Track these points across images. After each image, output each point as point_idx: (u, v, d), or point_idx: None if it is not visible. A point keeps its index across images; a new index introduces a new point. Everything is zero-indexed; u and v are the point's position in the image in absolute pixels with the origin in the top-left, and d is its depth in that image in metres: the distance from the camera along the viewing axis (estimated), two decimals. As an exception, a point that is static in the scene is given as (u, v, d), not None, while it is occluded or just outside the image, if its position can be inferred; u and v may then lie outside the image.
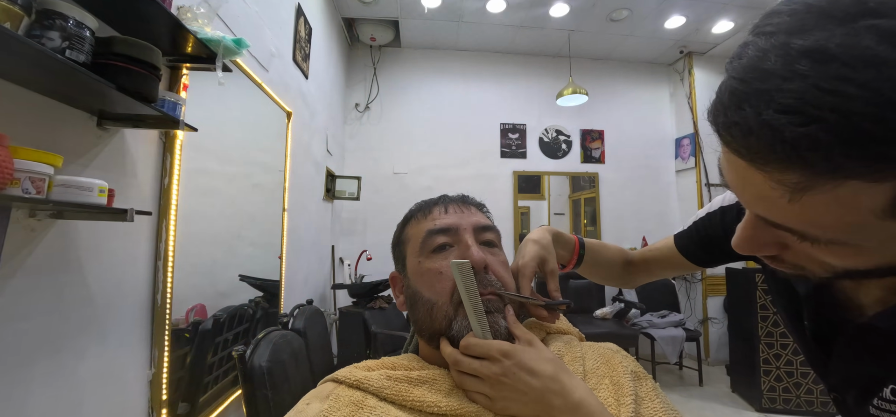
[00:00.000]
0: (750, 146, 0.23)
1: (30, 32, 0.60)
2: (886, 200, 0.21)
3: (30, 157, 0.60)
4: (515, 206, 3.41)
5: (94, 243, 0.87)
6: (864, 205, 0.22)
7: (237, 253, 1.56)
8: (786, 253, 0.29)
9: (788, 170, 0.22)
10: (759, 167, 0.23)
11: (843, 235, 0.24)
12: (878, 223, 0.22)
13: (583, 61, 3.56)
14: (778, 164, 0.22)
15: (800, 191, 0.22)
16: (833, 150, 0.20)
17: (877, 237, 0.23)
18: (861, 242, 0.24)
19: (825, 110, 0.19)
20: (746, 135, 0.22)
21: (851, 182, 0.21)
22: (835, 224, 0.23)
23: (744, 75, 0.23)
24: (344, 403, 0.42)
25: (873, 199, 0.21)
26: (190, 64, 1.04)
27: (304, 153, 2.23)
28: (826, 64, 0.20)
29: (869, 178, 0.21)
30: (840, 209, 0.22)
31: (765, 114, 0.21)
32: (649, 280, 0.71)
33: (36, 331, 0.75)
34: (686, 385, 2.80)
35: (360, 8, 2.86)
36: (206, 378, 1.26)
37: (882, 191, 0.21)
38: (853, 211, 0.22)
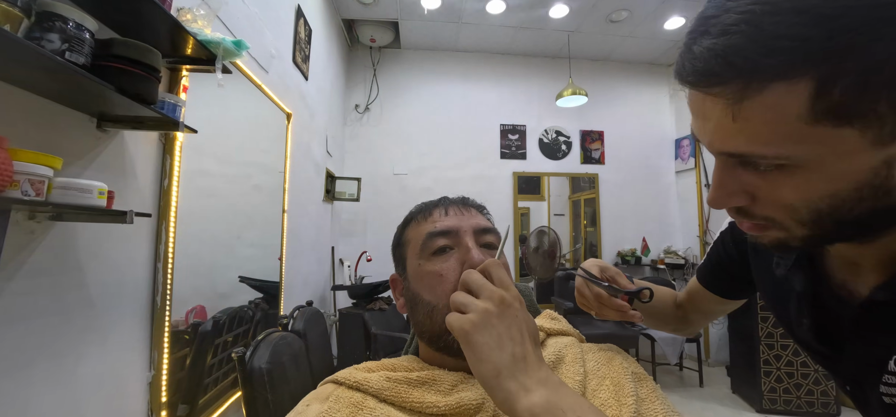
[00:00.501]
0: (697, 70, 0.28)
1: (29, 34, 0.60)
2: (806, 100, 0.25)
3: (29, 159, 0.60)
4: (515, 207, 3.41)
5: (93, 245, 0.86)
6: (790, 111, 0.25)
7: (237, 255, 1.56)
8: (754, 204, 0.32)
9: (726, 81, 0.27)
10: (705, 89, 0.28)
11: (783, 148, 0.27)
12: (806, 129, 0.25)
13: (582, 62, 3.56)
14: (717, 79, 0.27)
15: (737, 101, 0.27)
16: (750, 52, 0.25)
17: (812, 148, 0.26)
18: (802, 156, 0.27)
19: (742, 25, 0.25)
20: (694, 61, 0.28)
21: (774, 85, 0.25)
22: (773, 135, 0.27)
23: (694, 25, 0.29)
24: (344, 404, 0.42)
25: (795, 102, 0.25)
26: (190, 65, 1.04)
27: (304, 154, 2.23)
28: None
29: (784, 77, 0.25)
30: (772, 116, 0.26)
31: (706, 41, 0.27)
32: (702, 319, 0.66)
33: (36, 333, 0.74)
34: (686, 385, 2.80)
35: (359, 9, 2.87)
36: (206, 380, 1.26)
37: (799, 91, 0.25)
38: (782, 118, 0.26)
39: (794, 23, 0.24)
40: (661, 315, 0.67)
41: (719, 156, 0.31)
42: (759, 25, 0.25)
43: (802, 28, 0.24)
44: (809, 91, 0.24)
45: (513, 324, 0.36)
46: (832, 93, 0.24)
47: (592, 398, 0.44)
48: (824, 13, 0.23)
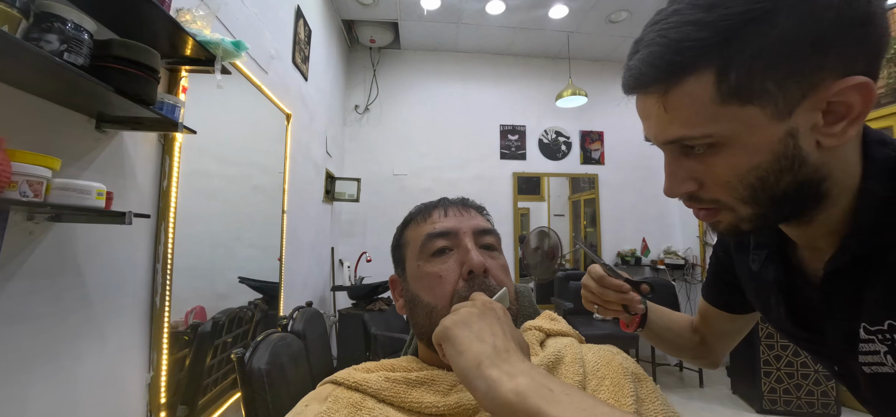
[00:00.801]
0: (633, 78, 0.35)
1: (28, 35, 0.60)
2: (712, 86, 0.31)
3: (27, 160, 0.60)
4: (515, 208, 3.41)
5: (92, 246, 0.86)
6: (704, 96, 0.32)
7: (236, 255, 1.56)
8: (701, 189, 0.37)
9: (653, 81, 0.34)
10: (641, 91, 0.36)
11: (707, 127, 0.33)
12: (719, 109, 0.32)
13: (582, 63, 3.56)
14: (647, 79, 0.34)
15: (664, 94, 0.33)
16: (665, 56, 0.32)
17: (728, 125, 0.32)
18: (722, 133, 0.33)
19: (658, 38, 0.33)
20: (630, 72, 0.36)
21: (687, 77, 0.32)
22: (696, 118, 0.33)
23: (630, 49, 0.37)
24: (343, 405, 0.42)
25: (705, 89, 0.32)
26: (189, 66, 1.04)
27: (304, 155, 2.23)
28: (665, 11, 0.34)
29: (692, 70, 0.31)
30: (691, 102, 0.32)
31: (636, 57, 0.35)
32: (718, 341, 0.63)
33: (34, 334, 0.74)
34: (686, 386, 2.80)
35: (359, 10, 2.87)
36: (205, 381, 1.26)
37: (706, 80, 0.31)
38: (699, 102, 0.32)
39: (691, 28, 0.31)
40: (676, 338, 0.65)
41: (664, 148, 0.37)
42: (668, 35, 0.32)
43: (696, 31, 0.31)
44: (713, 78, 0.31)
45: (495, 323, 0.35)
46: (730, 78, 0.31)
47: (592, 398, 0.44)
48: (709, 19, 0.30)
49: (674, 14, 0.32)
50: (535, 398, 0.27)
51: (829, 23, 0.29)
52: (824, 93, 0.30)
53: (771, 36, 0.29)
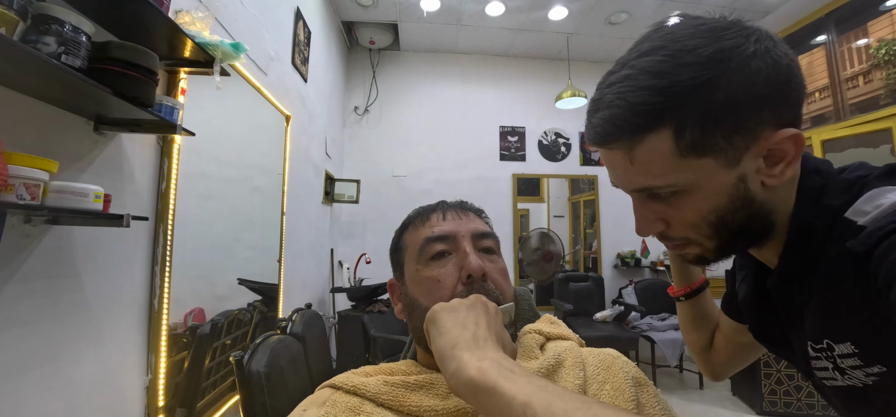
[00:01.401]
0: (598, 136, 0.38)
1: (25, 37, 0.59)
2: (671, 142, 0.35)
3: (25, 163, 0.60)
4: (515, 209, 3.41)
5: (90, 248, 0.86)
6: (664, 151, 0.35)
7: (235, 257, 1.56)
8: (669, 228, 0.40)
9: (617, 139, 0.37)
10: (607, 147, 0.38)
11: (670, 178, 0.36)
12: (680, 162, 0.35)
13: (582, 64, 3.56)
14: (612, 138, 0.37)
15: (629, 150, 0.36)
16: (627, 117, 0.35)
17: (689, 175, 0.36)
18: (684, 182, 0.36)
19: (618, 100, 0.36)
20: (595, 130, 0.38)
21: (648, 135, 0.35)
22: (660, 170, 0.36)
23: (589, 105, 0.40)
24: (341, 409, 0.42)
25: (665, 145, 0.35)
26: (188, 68, 1.03)
27: (303, 156, 2.22)
28: (617, 73, 0.37)
29: (651, 129, 0.35)
30: (655, 157, 0.36)
31: (598, 115, 0.38)
32: (725, 350, 0.62)
33: (31, 338, 0.74)
34: (686, 388, 2.79)
35: (359, 11, 2.87)
36: (204, 384, 1.25)
37: (665, 137, 0.35)
38: (661, 157, 0.35)
39: (646, 93, 0.34)
40: (701, 329, 0.64)
41: (632, 194, 0.41)
42: (627, 98, 0.35)
43: (651, 95, 0.34)
44: (671, 135, 0.34)
45: (482, 316, 0.37)
46: (685, 135, 0.34)
47: (592, 403, 0.43)
48: (662, 85, 0.34)
49: (627, 79, 0.36)
50: (493, 375, 0.29)
51: (760, 84, 0.34)
52: (764, 143, 0.35)
53: (716, 99, 0.33)
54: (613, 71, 0.38)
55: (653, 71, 0.34)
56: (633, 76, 0.35)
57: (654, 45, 0.36)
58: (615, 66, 0.38)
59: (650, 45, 0.36)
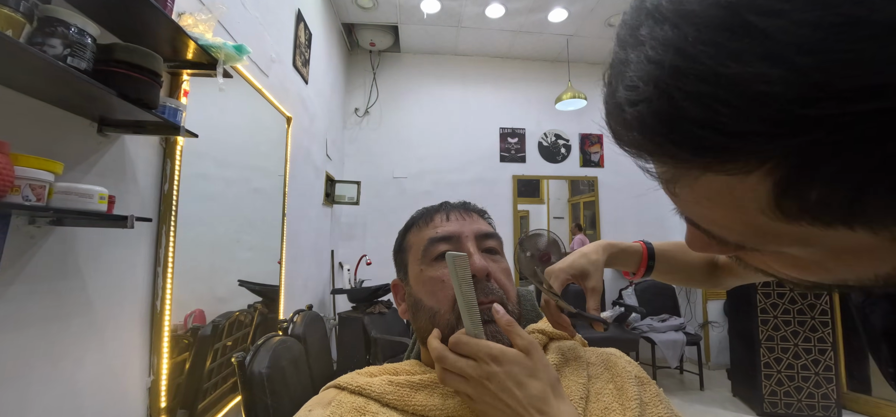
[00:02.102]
0: (610, 128, 0.19)
1: (32, 40, 0.60)
2: (770, 192, 0.15)
3: (30, 164, 0.60)
4: (515, 210, 3.41)
5: (93, 249, 0.86)
6: (744, 202, 0.17)
7: (236, 259, 1.56)
8: (742, 252, 0.22)
9: (644, 159, 0.19)
10: (629, 154, 0.19)
11: (753, 241, 0.18)
12: (780, 224, 0.16)
13: (581, 66, 3.57)
14: (634, 153, 0.19)
15: (669, 181, 0.19)
16: (661, 136, 0.16)
17: (796, 240, 0.17)
18: (784, 250, 0.19)
19: (650, 85, 0.16)
20: (607, 117, 0.19)
21: (707, 175, 0.17)
22: (729, 223, 0.18)
23: (614, 43, 0.19)
24: (346, 409, 0.42)
25: (750, 193, 0.16)
26: (190, 70, 1.04)
27: (304, 158, 2.23)
28: (659, 26, 0.16)
29: (720, 171, 0.16)
30: (722, 205, 0.18)
31: (618, 91, 0.18)
32: (739, 283, 0.61)
33: (35, 338, 0.74)
34: (687, 389, 2.79)
35: (359, 13, 2.88)
36: (206, 385, 1.25)
37: (753, 184, 0.15)
38: (737, 210, 0.17)
39: (706, 93, 0.15)
40: (685, 277, 0.61)
41: None
42: (668, 91, 0.15)
43: (760, 114, 0.14)
44: (770, 185, 0.16)
45: (508, 378, 0.38)
46: (806, 196, 0.15)
47: (595, 401, 0.44)
48: (782, 110, 0.13)
49: (682, 1, 0.16)
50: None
51: None
52: None
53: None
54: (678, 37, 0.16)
55: (785, 40, 0.13)
56: (677, 25, 0.15)
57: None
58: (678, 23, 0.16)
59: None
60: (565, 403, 0.38)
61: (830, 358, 2.26)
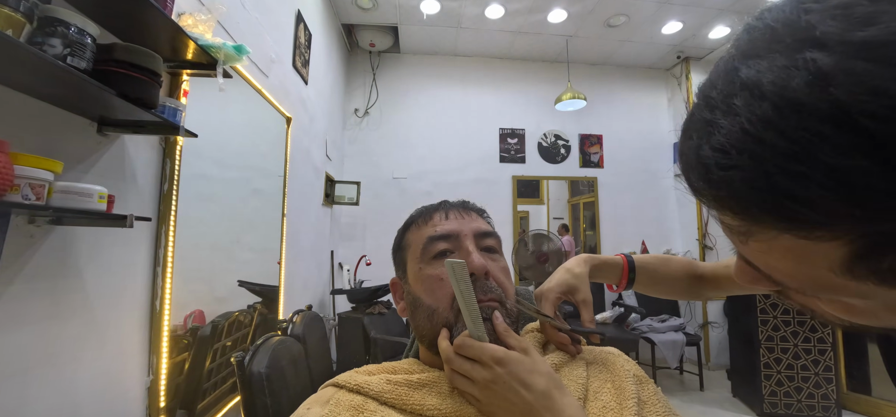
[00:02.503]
0: (690, 181, 0.21)
1: (32, 39, 0.60)
2: (844, 257, 0.17)
3: (30, 164, 0.60)
4: (515, 211, 3.41)
5: (93, 249, 0.86)
6: (815, 260, 0.18)
7: (236, 259, 1.56)
8: (789, 291, 0.24)
9: (722, 212, 0.20)
10: (705, 205, 0.21)
11: (812, 289, 0.20)
12: (845, 281, 0.18)
13: (581, 66, 3.58)
14: (714, 206, 0.20)
15: (742, 233, 0.20)
16: (749, 201, 0.18)
17: (855, 293, 0.19)
18: (840, 299, 0.20)
19: (744, 155, 0.17)
20: (687, 168, 0.21)
21: (785, 236, 0.18)
22: (794, 274, 0.20)
23: (697, 99, 0.21)
24: (344, 407, 0.42)
25: (823, 255, 0.18)
26: (190, 70, 1.04)
27: (304, 158, 2.23)
28: (758, 102, 0.17)
29: (801, 236, 0.17)
30: (792, 260, 0.19)
31: (703, 148, 0.19)
32: (721, 296, 0.64)
33: (34, 338, 0.74)
34: (687, 389, 2.79)
35: (359, 14, 2.88)
36: (205, 385, 1.25)
37: (828, 248, 0.17)
38: (807, 264, 0.19)
39: (803, 173, 0.16)
40: (667, 289, 0.63)
41: None
42: (765, 165, 0.17)
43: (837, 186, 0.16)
44: (846, 252, 0.17)
45: (512, 379, 0.39)
46: (880, 263, 0.17)
47: (594, 400, 0.44)
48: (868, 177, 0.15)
49: (785, 86, 0.16)
50: None
51: None
52: None
53: None
54: (787, 41, 0.17)
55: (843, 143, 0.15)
56: (779, 107, 0.16)
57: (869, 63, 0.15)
58: (791, 20, 0.18)
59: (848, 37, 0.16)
60: (568, 397, 0.40)
61: (830, 359, 2.26)
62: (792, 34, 0.17)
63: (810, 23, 0.16)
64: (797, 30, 0.17)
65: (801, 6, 0.17)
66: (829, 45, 0.16)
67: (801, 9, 0.17)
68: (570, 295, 0.54)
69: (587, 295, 0.55)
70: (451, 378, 0.43)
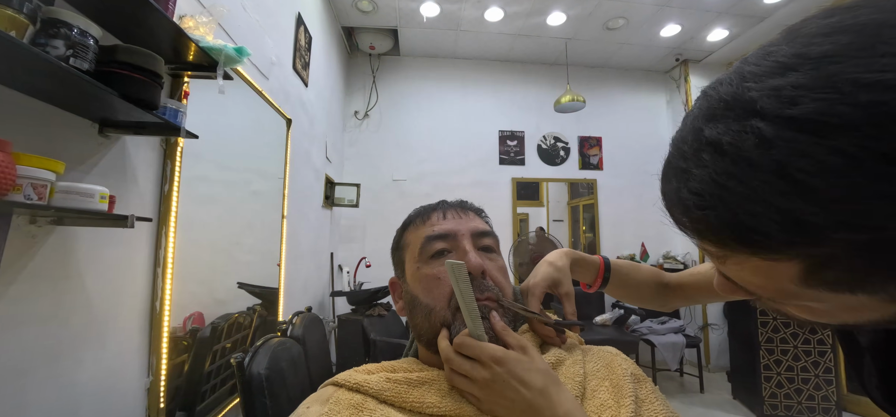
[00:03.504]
0: (674, 216, 0.27)
1: (35, 41, 0.61)
2: (798, 272, 0.22)
3: (32, 164, 0.61)
4: (514, 213, 3.42)
5: (94, 250, 0.87)
6: (778, 275, 0.23)
7: (236, 261, 1.56)
8: (762, 299, 0.28)
9: (705, 242, 0.25)
10: (687, 234, 0.27)
11: (780, 297, 0.25)
12: (803, 290, 0.23)
13: (580, 69, 3.59)
14: (695, 236, 0.25)
15: (720, 257, 0.25)
16: (723, 234, 0.23)
17: (812, 299, 0.24)
18: (802, 304, 0.25)
19: (716, 199, 0.22)
20: (671, 205, 0.27)
21: (754, 258, 0.23)
22: (765, 286, 0.25)
23: (672, 149, 0.27)
24: (344, 406, 0.42)
25: (784, 272, 0.22)
26: (191, 72, 1.05)
27: (304, 160, 2.23)
28: (720, 158, 0.22)
29: (766, 258, 0.22)
30: (761, 276, 0.24)
31: (682, 191, 0.24)
32: (686, 304, 0.68)
33: (34, 338, 0.74)
34: (687, 392, 2.79)
35: (359, 17, 2.89)
36: (204, 387, 1.25)
37: (788, 266, 0.22)
38: (773, 279, 0.24)
39: (762, 213, 0.21)
40: (635, 294, 0.67)
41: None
42: (733, 208, 0.22)
43: (803, 207, 0.20)
44: (800, 268, 0.22)
45: (511, 378, 0.40)
46: (825, 274, 0.22)
47: (591, 398, 0.44)
48: (810, 213, 0.19)
49: (740, 146, 0.21)
50: None
51: None
52: None
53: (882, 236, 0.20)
54: (736, 110, 0.22)
55: (791, 181, 0.19)
56: (737, 162, 0.21)
57: (825, 95, 0.19)
58: (737, 94, 0.22)
59: (812, 78, 0.20)
60: (565, 393, 0.41)
61: (830, 360, 2.26)
62: (739, 104, 0.22)
63: (752, 98, 0.21)
64: (743, 101, 0.22)
65: (744, 84, 0.22)
66: (768, 117, 0.20)
67: (744, 87, 0.22)
68: (554, 288, 0.56)
69: (569, 288, 0.56)
70: (450, 378, 0.43)
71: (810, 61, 0.20)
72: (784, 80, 0.21)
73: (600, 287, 0.64)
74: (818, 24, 0.22)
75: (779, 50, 0.22)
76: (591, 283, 0.64)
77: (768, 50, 0.23)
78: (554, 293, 0.56)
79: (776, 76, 0.21)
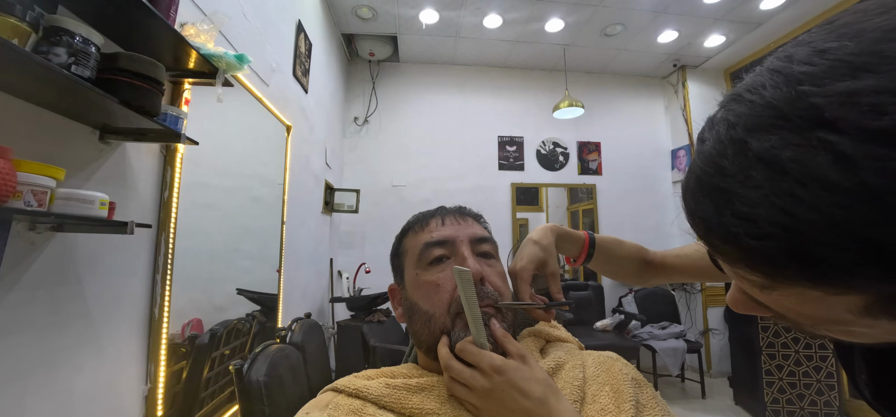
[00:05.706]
0: (712, 243, 0.22)
1: (37, 48, 0.61)
2: (863, 304, 0.19)
3: (32, 170, 0.61)
4: (514, 218, 3.42)
5: (93, 256, 0.87)
6: (834, 305, 0.20)
7: (235, 267, 1.56)
8: (789, 321, 0.25)
9: (749, 272, 0.21)
10: (722, 261, 0.23)
11: (823, 326, 0.23)
12: (860, 319, 0.21)
13: (578, 75, 3.62)
14: (739, 265, 0.22)
15: (767, 288, 0.22)
16: (787, 267, 0.19)
17: (867, 326, 0.21)
18: (848, 329, 0.22)
19: (778, 227, 0.18)
20: (708, 231, 0.22)
21: (813, 291, 0.20)
22: (812, 315, 0.22)
23: (705, 165, 0.22)
24: (343, 412, 0.42)
25: (849, 302, 0.20)
26: (192, 79, 1.05)
27: (304, 166, 2.24)
28: (780, 177, 0.18)
29: (830, 292, 0.19)
30: (811, 305, 0.21)
31: (724, 215, 0.21)
32: (664, 282, 0.69)
33: (33, 345, 0.74)
34: (689, 397, 2.77)
35: (359, 24, 2.92)
36: (203, 394, 1.24)
37: (849, 297, 0.19)
38: (826, 309, 0.21)
39: (837, 244, 0.18)
40: (618, 270, 0.67)
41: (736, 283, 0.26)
42: (800, 237, 0.18)
43: (855, 240, 0.17)
44: (866, 300, 0.19)
45: (510, 388, 0.40)
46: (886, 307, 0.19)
47: (592, 403, 0.44)
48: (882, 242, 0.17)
49: (808, 164, 0.18)
50: None
51: None
52: None
53: None
54: (794, 120, 0.18)
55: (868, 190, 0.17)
56: (803, 184, 0.18)
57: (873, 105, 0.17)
58: (792, 99, 0.19)
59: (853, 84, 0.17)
60: (563, 401, 0.40)
61: (832, 365, 2.25)
62: (797, 113, 0.18)
63: (815, 105, 0.18)
64: (802, 109, 0.18)
65: (800, 88, 0.18)
66: (844, 131, 0.17)
67: (801, 91, 0.18)
68: (540, 268, 0.55)
69: (555, 267, 0.56)
70: (449, 387, 0.43)
71: (889, 61, 0.17)
72: (858, 84, 0.17)
73: (585, 261, 0.64)
74: (886, 17, 0.18)
75: (840, 47, 0.18)
76: (575, 257, 0.64)
77: (819, 47, 0.19)
78: (540, 273, 0.56)
79: (845, 79, 0.17)
